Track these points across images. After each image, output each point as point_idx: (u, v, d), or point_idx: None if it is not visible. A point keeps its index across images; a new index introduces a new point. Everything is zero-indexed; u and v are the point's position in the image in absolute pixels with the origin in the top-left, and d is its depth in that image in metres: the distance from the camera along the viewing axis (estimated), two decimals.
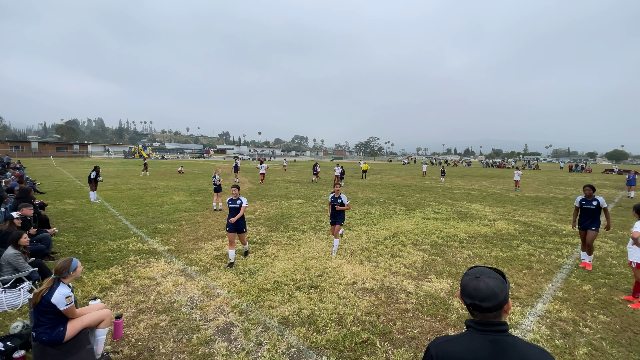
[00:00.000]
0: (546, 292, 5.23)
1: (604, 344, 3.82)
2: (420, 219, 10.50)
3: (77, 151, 72.77)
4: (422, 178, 29.00)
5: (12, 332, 3.71)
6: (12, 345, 3.45)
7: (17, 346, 3.46)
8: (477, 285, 1.39)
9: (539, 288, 5.36)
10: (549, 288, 5.37)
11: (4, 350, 3.37)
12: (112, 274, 5.63)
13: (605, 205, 6.12)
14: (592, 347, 3.76)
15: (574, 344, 3.84)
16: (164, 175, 26.82)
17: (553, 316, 4.47)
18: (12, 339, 3.55)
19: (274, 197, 15.07)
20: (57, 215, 10.24)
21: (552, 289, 5.32)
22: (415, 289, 5.23)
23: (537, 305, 4.75)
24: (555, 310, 4.61)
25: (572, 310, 4.65)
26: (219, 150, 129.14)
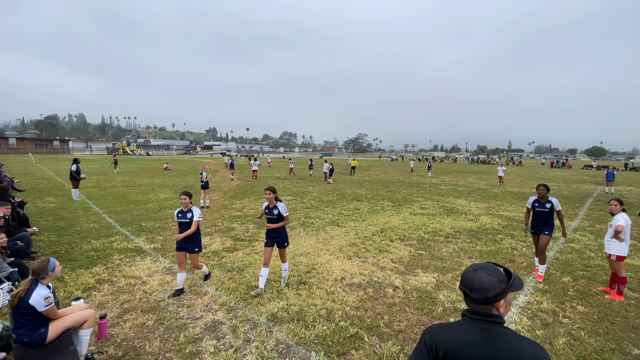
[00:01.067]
0: (527, 284, 5.40)
1: (582, 334, 3.98)
2: (408, 215, 10.65)
3: (58, 147, 70.35)
4: (409, 174, 29.37)
5: None
6: None
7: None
8: (472, 276, 1.47)
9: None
10: (530, 280, 5.55)
11: None
12: (96, 273, 5.51)
13: (559, 208, 5.50)
14: (571, 337, 3.91)
15: (553, 333, 3.98)
16: (149, 172, 26.26)
17: (534, 307, 4.62)
18: None
19: (262, 193, 14.98)
20: (37, 213, 9.91)
21: (533, 281, 5.50)
22: (402, 283, 5.32)
23: (519, 297, 4.91)
24: (536, 302, 4.77)
25: (552, 301, 4.82)
26: (206, 147, 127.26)
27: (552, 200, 5.54)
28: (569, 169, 45.78)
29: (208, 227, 8.64)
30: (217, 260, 6.22)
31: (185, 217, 4.84)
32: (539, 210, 5.60)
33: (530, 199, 5.78)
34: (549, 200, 5.55)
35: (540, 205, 5.60)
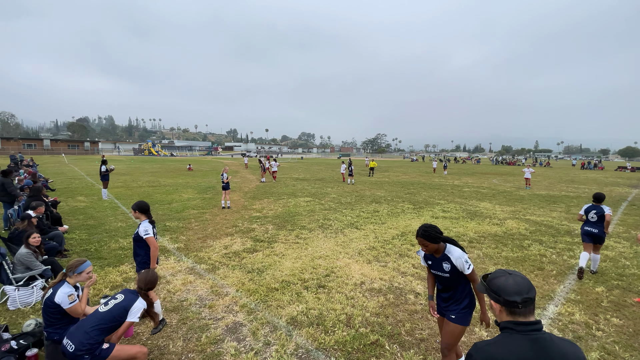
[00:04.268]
0: (558, 294, 5.13)
1: (616, 348, 3.73)
2: (429, 218, 10.40)
3: (88, 149, 74.06)
4: (430, 175, 28.73)
5: (25, 330, 3.78)
6: (25, 344, 3.51)
7: (30, 344, 3.52)
8: (516, 280, 1.46)
9: (551, 290, 5.26)
10: (561, 290, 5.27)
11: (17, 348, 3.43)
12: (123, 271, 5.72)
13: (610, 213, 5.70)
14: (604, 351, 3.68)
15: (586, 347, 3.76)
16: (173, 172, 27.11)
17: (565, 319, 4.38)
18: (25, 337, 3.61)
19: (281, 194, 15.11)
20: (69, 212, 10.44)
21: (564, 291, 5.22)
22: (424, 289, 5.18)
23: (549, 308, 4.67)
24: (567, 313, 4.53)
25: (585, 312, 4.55)
26: (227, 148, 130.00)
27: (603, 207, 5.79)
28: (601, 171, 43.32)
29: (229, 228, 8.80)
30: (238, 261, 6.31)
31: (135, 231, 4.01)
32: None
33: (586, 206, 6.05)
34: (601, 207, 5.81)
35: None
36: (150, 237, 3.91)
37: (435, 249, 2.79)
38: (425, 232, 2.74)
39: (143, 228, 3.91)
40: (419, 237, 2.78)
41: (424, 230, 2.75)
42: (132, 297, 3.04)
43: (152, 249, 3.93)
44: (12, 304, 4.51)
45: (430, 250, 2.81)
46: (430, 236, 2.74)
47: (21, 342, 3.52)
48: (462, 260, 2.71)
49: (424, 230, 2.75)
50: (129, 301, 2.98)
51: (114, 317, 2.90)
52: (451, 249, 2.78)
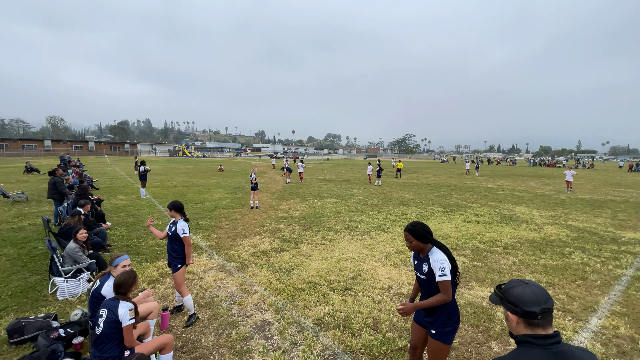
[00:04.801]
0: (602, 306, 4.75)
1: None
2: (461, 222, 10.03)
3: (128, 150, 79.00)
4: (461, 177, 27.68)
5: (72, 319, 4.10)
6: (72, 332, 3.81)
7: (76, 333, 3.81)
8: (533, 289, 1.40)
9: (594, 301, 4.89)
10: (605, 302, 4.88)
11: (65, 336, 3.73)
12: (159, 267, 6.04)
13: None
14: None
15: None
16: (205, 173, 28.21)
17: (609, 333, 4.06)
18: (72, 325, 3.92)
19: (307, 195, 15.23)
20: (111, 210, 11.18)
21: (609, 303, 4.83)
22: (455, 296, 5.00)
23: (592, 321, 4.34)
24: (611, 326, 4.19)
25: (631, 326, 4.19)
26: (255, 149, 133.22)
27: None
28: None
29: (257, 227, 9.01)
30: (266, 260, 6.45)
31: (170, 229, 4.24)
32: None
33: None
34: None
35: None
36: (187, 236, 4.18)
37: (420, 247, 2.65)
38: (412, 227, 2.62)
39: (181, 227, 4.14)
40: (405, 232, 2.67)
41: (412, 226, 2.63)
42: (114, 306, 2.94)
43: (187, 246, 4.19)
44: (61, 295, 4.90)
45: (414, 248, 2.67)
46: (416, 232, 2.60)
47: (69, 330, 3.83)
48: (438, 265, 2.49)
49: (413, 225, 2.64)
50: (113, 312, 2.91)
51: (108, 334, 2.88)
52: (434, 251, 2.59)
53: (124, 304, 2.94)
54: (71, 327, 3.88)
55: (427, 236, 2.60)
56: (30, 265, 6.07)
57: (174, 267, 4.19)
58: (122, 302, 2.96)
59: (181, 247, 4.21)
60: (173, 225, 4.21)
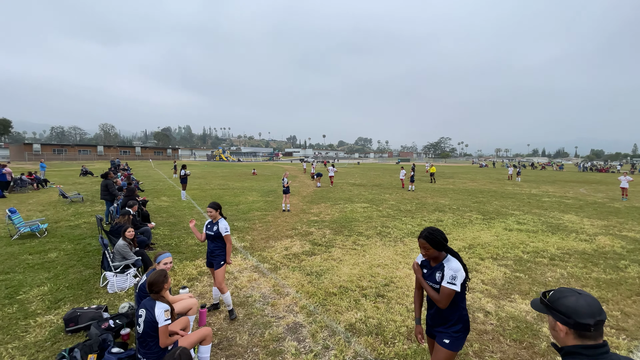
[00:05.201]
0: None
1: None
2: (501, 230, 9.46)
3: (170, 155, 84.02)
4: (502, 183, 26.14)
5: (120, 311, 4.41)
6: (120, 323, 4.09)
7: (124, 324, 4.10)
8: (587, 300, 1.34)
9: None
10: None
11: (114, 326, 4.02)
12: (198, 266, 6.33)
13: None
14: None
15: None
16: (240, 176, 29.22)
17: None
18: (120, 317, 4.21)
19: (338, 199, 15.20)
20: (155, 211, 11.93)
21: None
22: (496, 308, 4.72)
23: None
24: None
25: None
26: (287, 153, 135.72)
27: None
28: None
29: (289, 230, 9.14)
30: (297, 263, 6.51)
31: (211, 229, 4.42)
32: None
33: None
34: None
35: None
36: (229, 235, 4.43)
37: (435, 255, 2.50)
38: (430, 235, 2.47)
39: (224, 226, 4.38)
40: (421, 239, 2.52)
41: (429, 233, 2.49)
42: (151, 307, 3.05)
43: (229, 245, 4.43)
44: (111, 288, 5.29)
45: (430, 256, 2.51)
46: (434, 240, 2.46)
47: (117, 321, 4.12)
48: (451, 272, 2.39)
49: (430, 232, 2.49)
50: (150, 313, 3.03)
51: (149, 332, 3.01)
52: (450, 259, 2.47)
53: (160, 305, 3.04)
54: (119, 319, 4.17)
55: (443, 244, 2.48)
56: (85, 260, 6.64)
57: (216, 264, 4.36)
58: (159, 303, 3.05)
59: (223, 246, 4.42)
60: (214, 225, 4.39)
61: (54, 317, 4.39)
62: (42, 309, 4.61)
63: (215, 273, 4.38)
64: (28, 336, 3.95)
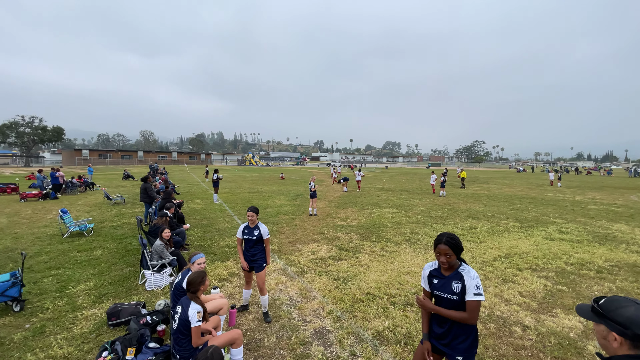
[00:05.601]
0: None
1: None
2: (541, 239, 8.88)
3: (204, 159, 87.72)
4: (542, 189, 24.55)
5: (157, 308, 4.65)
6: (157, 320, 4.31)
7: (160, 320, 4.31)
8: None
9: None
10: None
11: (151, 322, 4.24)
12: (228, 267, 6.53)
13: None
14: None
15: None
16: (268, 180, 29.85)
17: None
18: (157, 314, 4.44)
19: (365, 204, 15.04)
20: (189, 213, 12.48)
21: None
22: (535, 323, 4.43)
23: None
24: None
25: None
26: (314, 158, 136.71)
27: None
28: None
29: (316, 234, 9.18)
30: (324, 268, 6.52)
31: (251, 233, 4.50)
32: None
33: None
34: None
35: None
36: (269, 238, 4.65)
37: (453, 262, 2.35)
38: (451, 240, 2.32)
39: (265, 229, 4.56)
40: (443, 244, 2.32)
41: (451, 238, 2.33)
42: (186, 306, 3.17)
43: (269, 247, 4.65)
44: (149, 285, 5.60)
45: (450, 263, 2.34)
46: (457, 245, 2.31)
47: (154, 318, 4.34)
48: (474, 282, 2.25)
49: (450, 237, 2.33)
50: (185, 312, 3.16)
51: (182, 329, 3.16)
52: (467, 268, 2.34)
53: (194, 305, 3.15)
54: (156, 315, 4.40)
55: (462, 249, 2.37)
56: (126, 258, 7.08)
57: (258, 267, 4.49)
58: (193, 304, 3.16)
59: (263, 249, 4.58)
60: (255, 229, 4.50)
61: (98, 311, 4.72)
62: (87, 302, 4.98)
63: (258, 276, 4.50)
64: (75, 328, 4.27)
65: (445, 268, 2.40)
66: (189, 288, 3.28)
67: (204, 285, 3.35)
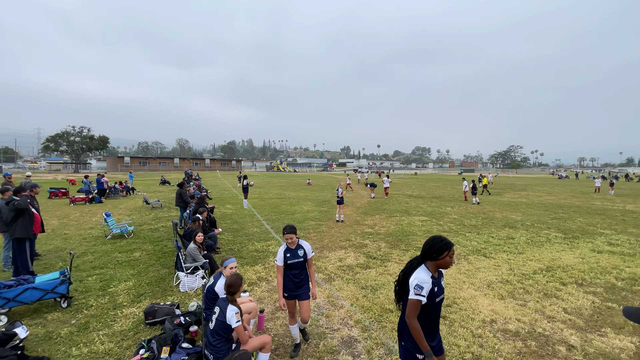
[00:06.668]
0: None
1: None
2: (588, 252, 8.19)
3: (234, 166, 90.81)
4: (588, 197, 22.72)
5: (190, 309, 4.82)
6: (190, 321, 4.46)
7: (193, 322, 4.46)
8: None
9: None
10: None
11: (184, 323, 4.40)
12: (257, 271, 6.64)
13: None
14: None
15: None
16: (295, 186, 30.20)
17: None
18: (190, 315, 4.59)
19: (393, 211, 14.73)
20: (220, 217, 12.90)
21: None
22: (582, 342, 4.07)
23: None
24: None
25: None
26: (341, 164, 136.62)
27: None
28: None
29: (343, 241, 9.12)
30: (352, 275, 6.43)
31: (295, 256, 3.84)
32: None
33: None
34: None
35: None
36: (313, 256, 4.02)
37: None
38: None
39: (309, 247, 3.96)
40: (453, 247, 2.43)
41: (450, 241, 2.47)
42: (224, 308, 3.25)
43: (313, 269, 4.05)
44: (182, 287, 5.82)
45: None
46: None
47: (187, 319, 4.50)
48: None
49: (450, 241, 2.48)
50: (222, 313, 3.24)
51: (218, 330, 3.24)
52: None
53: (231, 307, 3.23)
54: (189, 317, 4.56)
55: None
56: (162, 260, 7.43)
57: (304, 294, 3.89)
58: (230, 306, 3.24)
59: (306, 271, 3.96)
60: (298, 249, 3.83)
61: (136, 310, 4.97)
62: (127, 301, 5.27)
63: (303, 306, 3.87)
64: (115, 325, 4.53)
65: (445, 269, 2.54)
66: (229, 290, 3.37)
67: (242, 288, 3.45)
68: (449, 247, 2.39)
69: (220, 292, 3.78)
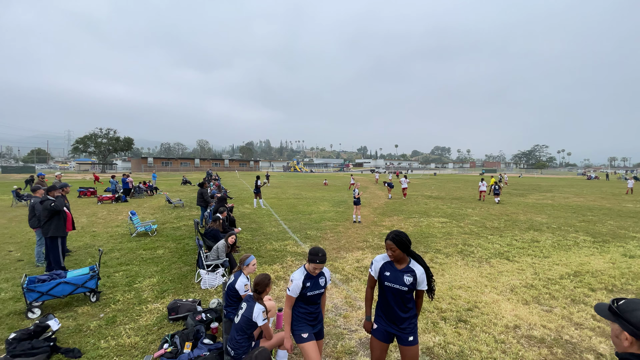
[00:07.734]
0: None
1: None
2: (619, 256, 7.78)
3: (252, 166, 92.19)
4: (619, 199, 21.55)
5: (211, 306, 4.94)
6: (211, 317, 4.58)
7: (214, 318, 4.57)
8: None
9: None
10: None
11: (205, 319, 4.52)
12: (275, 270, 6.73)
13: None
14: None
15: None
16: (312, 187, 30.32)
17: None
18: (210, 312, 4.71)
19: (412, 213, 14.52)
20: (239, 217, 13.14)
21: None
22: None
23: None
24: None
25: None
26: (357, 164, 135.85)
27: None
28: None
29: (360, 242, 9.08)
30: None
31: (317, 286, 3.05)
32: None
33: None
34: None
35: None
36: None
37: (401, 257, 2.72)
38: (396, 237, 2.69)
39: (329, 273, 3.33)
40: (387, 241, 2.71)
41: (396, 235, 2.71)
42: (251, 305, 3.30)
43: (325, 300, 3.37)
44: (203, 284, 5.98)
45: (396, 257, 2.71)
46: (400, 242, 2.67)
47: (208, 315, 4.62)
48: (424, 276, 2.70)
49: (396, 234, 2.71)
50: (249, 310, 3.28)
51: (243, 327, 3.30)
52: (416, 265, 2.74)
53: (258, 306, 3.26)
54: (210, 313, 4.68)
55: (409, 246, 2.70)
56: (184, 257, 7.66)
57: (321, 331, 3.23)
58: (257, 305, 3.27)
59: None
60: (320, 278, 3.07)
61: (160, 306, 5.15)
62: (151, 297, 5.47)
63: (320, 345, 3.21)
64: (141, 319, 4.71)
65: (395, 261, 2.76)
66: (256, 288, 3.42)
67: (269, 287, 3.50)
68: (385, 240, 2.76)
69: (240, 290, 3.86)
